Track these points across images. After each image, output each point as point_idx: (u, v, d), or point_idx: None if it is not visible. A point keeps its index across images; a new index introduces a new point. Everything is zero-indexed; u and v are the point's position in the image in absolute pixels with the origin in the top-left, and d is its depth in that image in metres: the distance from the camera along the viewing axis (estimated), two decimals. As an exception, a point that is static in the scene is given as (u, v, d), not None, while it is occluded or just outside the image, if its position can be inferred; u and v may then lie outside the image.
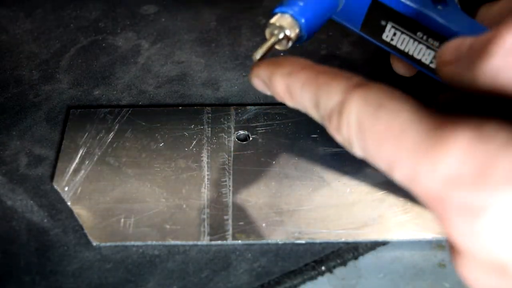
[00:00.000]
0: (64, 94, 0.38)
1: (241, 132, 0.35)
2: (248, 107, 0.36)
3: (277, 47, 0.26)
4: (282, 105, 0.37)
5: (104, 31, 0.43)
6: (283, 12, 0.26)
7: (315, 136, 0.35)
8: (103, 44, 0.42)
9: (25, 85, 0.39)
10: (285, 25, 0.26)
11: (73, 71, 0.40)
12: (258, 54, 0.25)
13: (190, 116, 0.36)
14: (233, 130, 0.35)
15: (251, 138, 0.35)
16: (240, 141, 0.35)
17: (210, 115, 0.36)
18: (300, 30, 0.26)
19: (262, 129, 0.35)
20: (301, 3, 0.26)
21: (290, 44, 0.26)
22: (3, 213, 0.31)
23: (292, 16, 0.26)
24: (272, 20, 0.26)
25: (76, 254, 0.29)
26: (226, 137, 0.35)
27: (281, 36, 0.26)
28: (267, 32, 0.26)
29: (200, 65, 0.40)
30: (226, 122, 0.35)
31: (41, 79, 0.39)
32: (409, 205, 0.31)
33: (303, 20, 0.26)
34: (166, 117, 0.36)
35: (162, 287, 0.28)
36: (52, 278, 0.28)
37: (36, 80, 0.39)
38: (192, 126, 0.35)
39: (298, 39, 0.27)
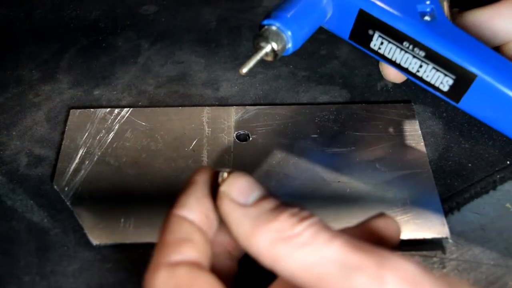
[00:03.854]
0: (64, 94, 0.38)
1: (241, 132, 0.35)
2: (248, 107, 0.36)
3: (265, 58, 0.27)
4: (282, 105, 0.37)
5: (104, 31, 0.43)
6: (270, 25, 0.26)
7: (315, 136, 0.35)
8: (103, 44, 0.42)
9: (25, 85, 0.39)
10: (271, 38, 0.26)
11: (73, 71, 0.40)
12: (245, 68, 0.26)
13: (190, 116, 0.36)
14: (233, 130, 0.35)
15: (251, 138, 0.35)
16: (240, 141, 0.35)
17: (210, 115, 0.36)
18: (287, 42, 0.27)
19: (262, 129, 0.35)
20: (288, 15, 0.27)
21: (277, 56, 0.27)
22: (3, 213, 0.31)
23: (278, 28, 0.26)
24: (259, 33, 0.26)
25: (76, 254, 0.29)
26: (226, 137, 0.35)
27: (268, 49, 0.26)
28: (255, 44, 0.27)
29: (200, 65, 0.40)
30: (226, 122, 0.35)
31: (41, 79, 0.39)
32: (409, 205, 0.31)
33: (289, 33, 0.26)
34: (166, 117, 0.36)
35: (162, 287, 0.28)
36: (52, 278, 0.28)
37: (36, 80, 0.39)
38: (192, 126, 0.35)
39: (285, 50, 0.27)
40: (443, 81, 0.28)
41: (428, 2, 0.28)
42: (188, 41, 0.42)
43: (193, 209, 0.21)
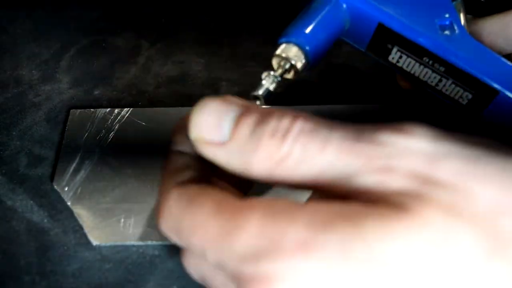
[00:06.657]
0: (64, 94, 0.38)
1: (241, 132, 0.35)
2: (248, 107, 0.36)
3: (285, 77, 0.26)
4: (282, 105, 0.37)
5: (104, 31, 0.43)
6: (288, 42, 0.26)
7: (315, 136, 0.35)
8: (103, 44, 0.42)
9: (25, 85, 0.39)
10: (291, 56, 0.26)
11: (73, 71, 0.40)
12: (261, 90, 0.25)
13: (190, 116, 0.36)
14: (233, 130, 0.35)
15: (251, 138, 0.35)
16: (240, 141, 0.35)
17: (210, 115, 0.36)
18: (306, 59, 0.26)
19: (262, 129, 0.35)
20: (306, 31, 0.26)
21: (298, 73, 0.26)
22: (3, 213, 0.31)
23: (297, 45, 0.26)
24: (278, 51, 0.26)
25: (76, 254, 0.29)
26: (226, 137, 0.35)
27: (287, 66, 0.26)
28: (274, 63, 0.26)
29: (200, 65, 0.40)
30: (226, 122, 0.35)
31: (41, 79, 0.39)
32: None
33: (308, 48, 0.26)
34: (166, 117, 0.36)
35: (162, 287, 0.28)
36: (52, 278, 0.28)
37: (36, 80, 0.39)
38: (192, 126, 0.35)
39: (305, 66, 0.27)
40: (463, 96, 0.27)
41: (447, 15, 0.27)
42: (188, 41, 0.42)
43: (186, 143, 0.21)
